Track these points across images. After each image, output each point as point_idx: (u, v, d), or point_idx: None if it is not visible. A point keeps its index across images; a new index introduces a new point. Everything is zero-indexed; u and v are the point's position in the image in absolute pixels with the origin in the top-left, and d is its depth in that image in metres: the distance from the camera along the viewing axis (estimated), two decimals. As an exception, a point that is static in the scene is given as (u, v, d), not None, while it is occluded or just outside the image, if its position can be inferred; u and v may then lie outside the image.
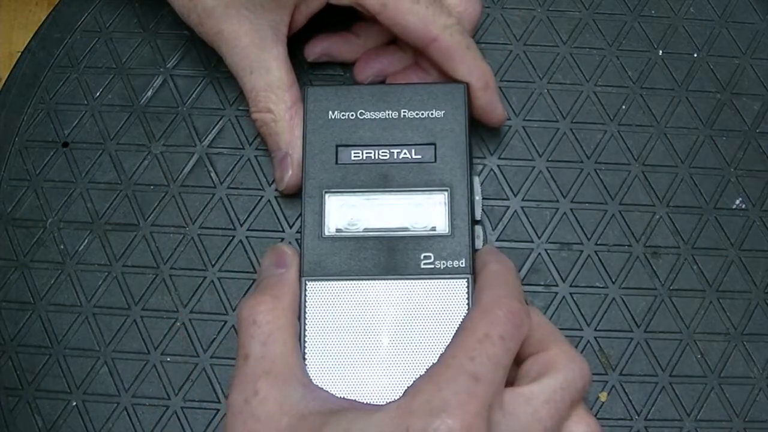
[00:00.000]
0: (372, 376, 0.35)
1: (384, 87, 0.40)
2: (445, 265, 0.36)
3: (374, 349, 0.35)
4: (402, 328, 0.35)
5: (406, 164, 0.38)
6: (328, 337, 0.36)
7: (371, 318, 0.36)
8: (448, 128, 0.38)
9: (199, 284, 0.41)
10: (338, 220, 0.37)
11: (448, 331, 0.34)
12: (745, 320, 0.40)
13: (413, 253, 0.36)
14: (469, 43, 0.39)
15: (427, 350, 0.35)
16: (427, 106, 0.39)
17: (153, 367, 0.40)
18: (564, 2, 0.45)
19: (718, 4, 0.45)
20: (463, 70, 0.39)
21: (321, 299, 0.36)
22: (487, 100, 0.39)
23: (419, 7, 0.38)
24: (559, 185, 0.42)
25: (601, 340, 0.40)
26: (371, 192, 0.38)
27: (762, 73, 0.44)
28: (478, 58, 0.39)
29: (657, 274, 0.41)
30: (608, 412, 0.39)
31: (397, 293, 0.36)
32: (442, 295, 0.36)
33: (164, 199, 0.42)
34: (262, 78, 0.39)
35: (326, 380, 0.35)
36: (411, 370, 0.35)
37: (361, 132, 0.38)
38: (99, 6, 0.46)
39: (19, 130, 0.44)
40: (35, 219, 0.42)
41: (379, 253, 0.37)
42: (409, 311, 0.36)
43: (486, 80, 0.39)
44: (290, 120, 0.39)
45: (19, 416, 0.39)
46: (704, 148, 0.43)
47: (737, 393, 0.39)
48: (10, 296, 0.41)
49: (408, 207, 0.37)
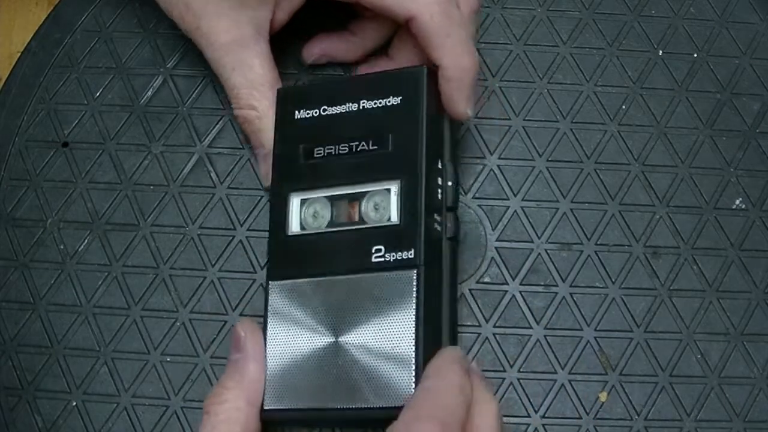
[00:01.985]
0: (326, 376, 0.34)
1: (345, 79, 0.39)
2: (394, 257, 0.35)
3: (328, 349, 0.35)
4: (354, 326, 0.35)
5: (364, 157, 0.37)
6: (287, 338, 0.35)
7: (326, 316, 0.35)
8: (403, 116, 0.36)
9: (199, 284, 0.41)
10: (301, 219, 0.37)
11: (395, 326, 0.34)
12: (745, 320, 0.40)
13: (367, 247, 0.35)
14: (450, 30, 0.37)
15: (376, 348, 0.34)
16: (384, 95, 0.37)
17: (153, 367, 0.40)
18: (564, 2, 0.45)
19: (718, 4, 0.45)
20: (436, 55, 0.37)
21: (282, 299, 0.36)
22: (450, 91, 0.37)
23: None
24: (559, 185, 0.42)
25: (601, 340, 0.40)
26: (331, 188, 0.37)
27: (762, 73, 0.44)
28: (457, 46, 0.37)
29: (657, 274, 0.41)
30: (608, 412, 0.39)
31: (350, 289, 0.35)
32: (390, 289, 0.34)
33: (164, 199, 0.42)
34: (244, 75, 0.39)
35: (284, 382, 0.35)
36: (361, 369, 0.34)
37: (323, 129, 0.38)
38: (99, 6, 0.46)
39: (19, 130, 0.44)
40: (35, 219, 0.42)
41: (337, 249, 0.36)
42: (361, 308, 0.35)
43: (457, 73, 0.37)
44: (273, 116, 0.39)
45: (19, 416, 0.39)
46: (704, 148, 0.43)
47: (737, 393, 0.39)
48: (10, 296, 0.41)
49: (364, 200, 0.36)
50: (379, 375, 0.34)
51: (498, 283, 0.41)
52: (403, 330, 0.34)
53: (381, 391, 0.33)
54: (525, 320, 0.40)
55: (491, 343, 0.40)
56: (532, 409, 0.39)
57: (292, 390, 0.35)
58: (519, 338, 0.40)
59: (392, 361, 0.34)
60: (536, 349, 0.40)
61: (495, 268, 0.41)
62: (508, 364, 0.40)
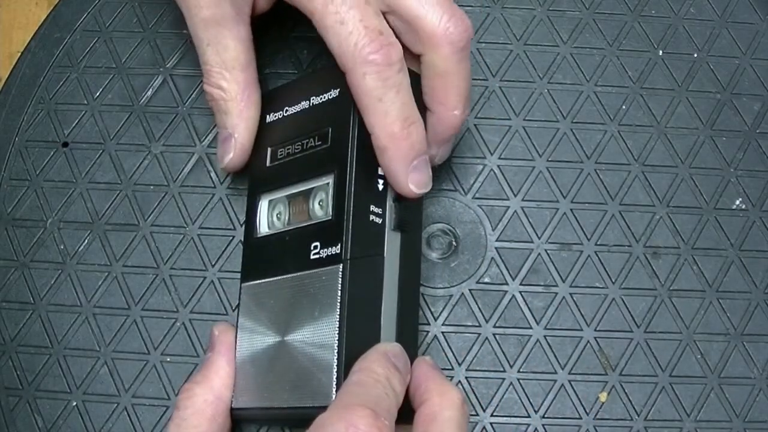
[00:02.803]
0: (272, 375, 0.35)
1: (302, 78, 0.39)
2: (326, 253, 0.34)
3: (274, 349, 0.35)
4: (295, 324, 0.34)
5: (311, 153, 0.36)
6: (250, 339, 0.36)
7: (275, 317, 0.35)
8: (340, 106, 0.35)
9: (199, 284, 0.41)
10: (267, 220, 0.38)
11: (324, 323, 0.33)
12: (745, 320, 0.40)
13: (308, 244, 0.35)
14: (385, 95, 0.33)
15: (306, 347, 0.34)
16: (326, 89, 0.36)
17: (153, 367, 0.40)
18: (564, 2, 0.45)
19: (718, 4, 0.45)
20: (366, 120, 0.34)
21: (249, 300, 0.37)
22: (383, 163, 0.34)
23: (342, 29, 0.33)
24: (559, 185, 0.42)
25: (601, 341, 0.40)
26: (288, 187, 0.37)
27: (762, 73, 0.44)
28: (390, 115, 0.33)
29: (657, 274, 0.41)
30: (608, 413, 0.39)
31: (293, 288, 0.35)
32: (320, 285, 0.34)
33: (164, 199, 0.42)
34: (218, 54, 0.38)
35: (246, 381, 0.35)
36: (297, 366, 0.34)
37: (285, 130, 0.38)
38: (99, 6, 0.46)
39: (19, 130, 0.44)
40: (35, 219, 0.42)
41: (291, 248, 0.36)
42: (300, 305, 0.34)
43: (386, 144, 0.34)
44: (241, 101, 0.38)
45: (19, 416, 0.39)
46: (704, 148, 0.43)
47: (737, 393, 0.39)
48: (10, 296, 0.41)
49: (311, 197, 0.36)
50: (309, 373, 0.33)
51: (498, 283, 0.41)
52: (329, 327, 0.33)
53: (309, 389, 0.33)
54: (525, 320, 0.40)
55: (491, 343, 0.40)
56: (532, 409, 0.39)
57: (251, 389, 0.35)
58: (519, 338, 0.40)
59: (319, 359, 0.33)
60: (536, 349, 0.40)
61: (495, 268, 0.41)
62: (508, 364, 0.40)
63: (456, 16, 0.35)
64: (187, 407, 0.35)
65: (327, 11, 0.33)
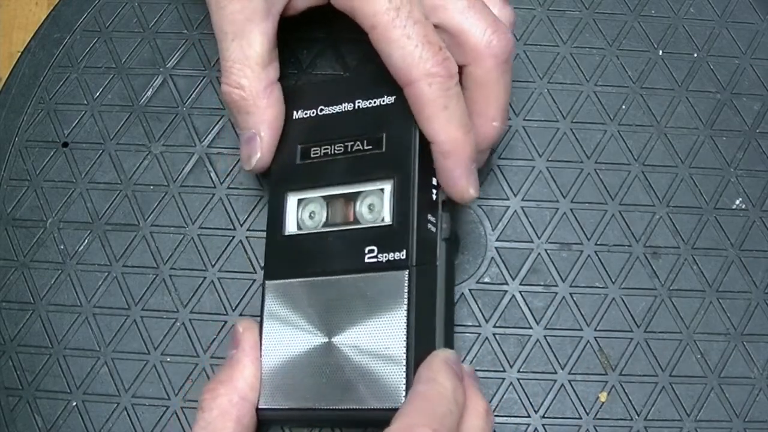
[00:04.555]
0: (318, 376, 0.34)
1: (341, 79, 0.39)
2: (387, 258, 0.35)
3: (321, 350, 0.35)
4: (346, 327, 0.35)
5: (359, 156, 0.37)
6: (282, 338, 0.36)
7: (319, 317, 0.35)
8: (397, 115, 0.36)
9: (199, 284, 0.41)
10: (297, 218, 0.37)
11: (386, 327, 0.34)
12: (745, 320, 0.40)
13: (361, 247, 0.35)
14: (448, 103, 0.35)
15: (367, 349, 0.34)
16: (378, 93, 0.37)
17: (153, 367, 0.40)
18: (564, 2, 0.45)
19: (718, 4, 0.45)
20: (429, 128, 0.35)
21: (277, 299, 0.36)
22: (444, 168, 0.35)
23: (408, 43, 0.34)
24: (559, 185, 0.42)
25: (601, 340, 0.40)
26: (327, 188, 0.37)
27: (762, 73, 0.44)
28: (453, 121, 0.35)
29: (657, 274, 0.41)
30: (608, 412, 0.39)
31: (343, 290, 0.35)
32: (382, 289, 0.34)
33: (164, 199, 0.42)
34: (242, 49, 0.37)
35: (279, 381, 0.35)
36: (353, 370, 0.34)
37: (320, 129, 0.38)
38: (99, 6, 0.46)
39: (19, 130, 0.44)
40: (35, 219, 0.42)
41: (332, 249, 0.36)
42: (353, 308, 0.35)
43: (451, 149, 0.35)
44: (263, 99, 0.38)
45: (19, 416, 0.39)
46: (704, 148, 0.43)
47: (737, 393, 0.39)
48: (10, 296, 0.41)
49: (358, 200, 0.36)
50: (370, 376, 0.34)
51: (498, 283, 0.41)
52: (395, 331, 0.34)
53: (372, 391, 0.33)
54: (525, 320, 0.40)
55: (491, 343, 0.40)
56: (532, 409, 0.39)
57: (285, 389, 0.35)
58: (519, 338, 0.40)
59: (383, 361, 0.34)
60: (536, 349, 0.40)
61: (495, 268, 0.41)
62: (508, 364, 0.40)
63: (499, 31, 0.36)
64: (212, 409, 0.34)
65: (393, 26, 0.35)
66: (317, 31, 0.44)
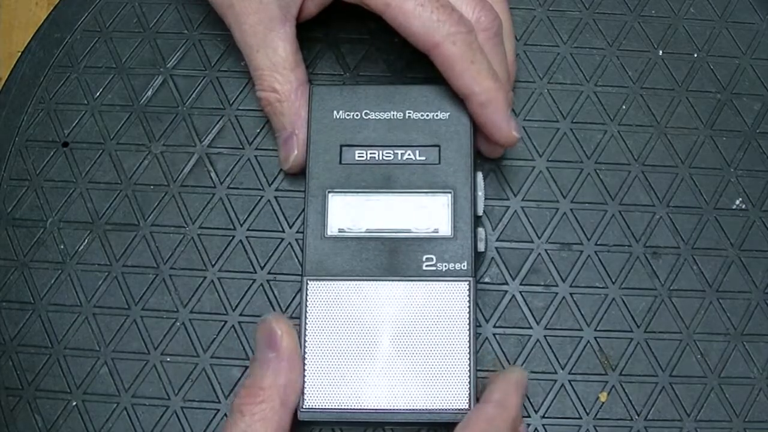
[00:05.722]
0: (371, 377, 0.35)
1: (389, 87, 0.39)
2: (447, 267, 0.36)
3: (374, 351, 0.36)
4: (402, 330, 0.36)
5: (410, 165, 0.38)
6: (328, 338, 0.36)
7: (372, 319, 0.36)
8: (452, 130, 0.38)
9: (199, 284, 0.41)
10: (341, 220, 0.37)
11: (448, 333, 0.35)
12: (745, 320, 0.40)
13: (415, 254, 0.37)
14: (474, 57, 0.37)
15: (426, 352, 0.36)
16: (432, 108, 0.39)
17: (153, 367, 0.40)
18: (564, 2, 0.45)
19: (718, 4, 0.45)
20: (462, 83, 0.37)
21: (322, 300, 0.36)
22: (486, 118, 0.38)
23: (423, 11, 0.37)
24: (559, 185, 0.42)
25: (601, 340, 0.40)
26: (374, 192, 0.38)
27: (762, 73, 0.44)
28: (483, 72, 0.37)
29: (657, 274, 0.41)
30: (608, 412, 0.39)
31: (398, 294, 0.36)
32: (443, 297, 0.36)
33: (164, 199, 0.42)
34: (268, 57, 0.39)
35: (325, 381, 0.35)
36: (410, 372, 0.35)
37: (365, 132, 0.38)
38: (99, 6, 0.46)
39: (19, 130, 0.44)
40: (35, 219, 0.42)
41: (381, 254, 0.37)
42: (410, 313, 0.36)
43: (487, 98, 0.37)
44: (296, 100, 0.39)
45: (19, 416, 0.39)
46: (704, 148, 0.43)
47: (737, 393, 0.39)
48: (10, 296, 0.41)
49: (411, 208, 0.37)
50: (430, 379, 0.35)
51: (498, 283, 0.41)
52: (458, 335, 0.36)
53: (432, 395, 0.35)
54: (525, 320, 0.40)
55: (491, 343, 0.40)
56: (532, 409, 0.39)
57: (332, 390, 0.35)
58: (519, 338, 0.40)
59: (444, 366, 0.35)
60: (536, 349, 0.40)
61: (495, 268, 0.41)
62: (508, 364, 0.40)
63: (486, 8, 0.38)
64: (253, 414, 0.34)
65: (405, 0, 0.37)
66: (317, 31, 0.44)
